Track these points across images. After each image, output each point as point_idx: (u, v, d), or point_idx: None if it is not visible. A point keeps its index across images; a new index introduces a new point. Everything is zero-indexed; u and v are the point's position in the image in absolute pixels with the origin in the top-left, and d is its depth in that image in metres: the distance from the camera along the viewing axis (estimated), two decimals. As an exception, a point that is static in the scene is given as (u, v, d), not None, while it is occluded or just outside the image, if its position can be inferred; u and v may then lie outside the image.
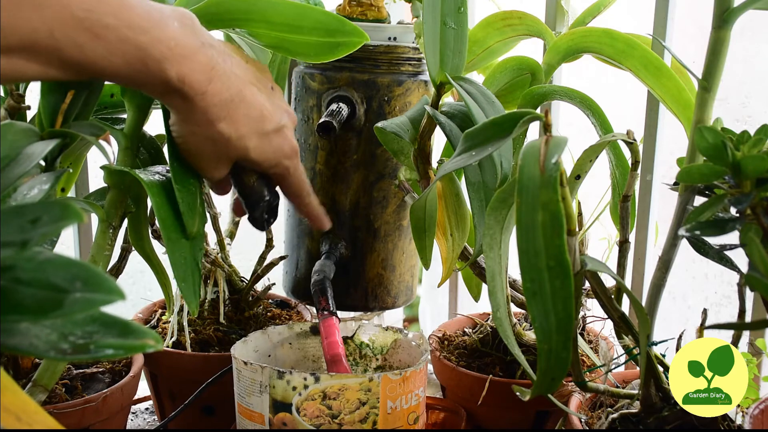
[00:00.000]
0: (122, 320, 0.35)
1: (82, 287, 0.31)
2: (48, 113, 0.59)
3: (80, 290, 0.31)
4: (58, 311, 0.31)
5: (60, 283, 0.31)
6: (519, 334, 0.81)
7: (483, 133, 0.57)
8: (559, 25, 0.87)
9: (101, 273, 0.32)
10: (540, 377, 0.49)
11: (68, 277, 0.31)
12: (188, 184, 0.61)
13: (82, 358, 0.34)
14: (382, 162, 0.83)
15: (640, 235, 0.81)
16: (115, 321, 0.34)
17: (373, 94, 0.81)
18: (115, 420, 0.75)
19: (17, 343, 0.32)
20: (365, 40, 0.68)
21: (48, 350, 0.33)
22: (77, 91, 0.61)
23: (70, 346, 0.33)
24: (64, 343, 0.33)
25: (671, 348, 0.62)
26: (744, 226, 0.48)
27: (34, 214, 0.33)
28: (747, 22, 0.61)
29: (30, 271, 0.31)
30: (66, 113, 0.60)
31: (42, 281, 0.31)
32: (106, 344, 0.33)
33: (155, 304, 0.95)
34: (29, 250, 0.32)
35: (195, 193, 0.61)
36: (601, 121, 0.76)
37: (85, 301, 0.31)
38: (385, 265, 0.86)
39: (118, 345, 0.34)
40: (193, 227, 0.59)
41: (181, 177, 0.60)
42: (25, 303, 0.31)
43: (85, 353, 0.33)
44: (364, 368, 0.80)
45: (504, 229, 0.56)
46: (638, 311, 0.56)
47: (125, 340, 0.34)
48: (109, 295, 0.31)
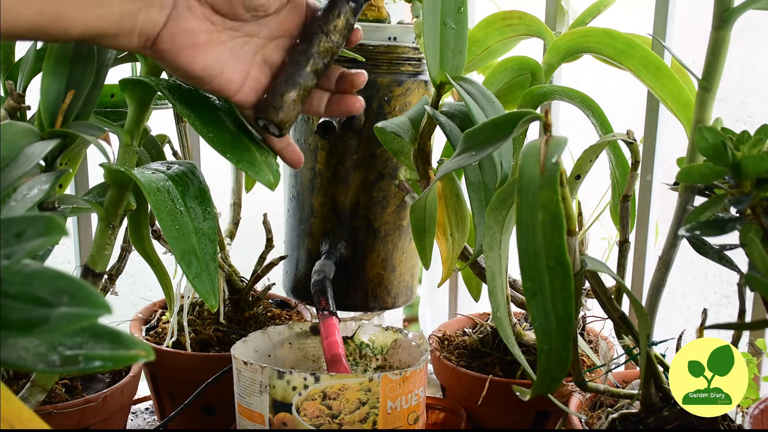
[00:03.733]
0: (112, 330, 0.34)
1: (68, 301, 0.30)
2: (48, 113, 0.59)
3: (67, 304, 0.30)
4: (43, 326, 0.30)
5: (46, 297, 0.30)
6: (519, 334, 0.81)
7: (483, 133, 0.57)
8: (559, 25, 0.87)
9: (88, 287, 0.31)
10: (540, 377, 0.49)
11: (55, 291, 0.31)
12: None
13: (71, 370, 0.33)
14: (382, 162, 0.83)
15: (640, 235, 0.81)
16: (105, 331, 0.34)
17: (373, 94, 0.81)
18: (115, 420, 0.75)
19: (5, 356, 0.31)
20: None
21: (36, 363, 0.32)
22: (77, 91, 0.61)
23: (60, 358, 0.32)
24: (53, 355, 0.32)
25: (671, 348, 0.62)
26: (744, 226, 0.48)
27: (18, 228, 0.32)
28: (747, 22, 0.61)
29: (16, 285, 0.30)
30: (66, 113, 0.60)
31: (28, 295, 0.30)
32: (95, 356, 0.33)
33: (155, 304, 0.95)
34: (16, 263, 0.31)
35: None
36: (601, 121, 0.76)
37: (72, 316, 0.30)
38: (385, 265, 0.86)
39: (108, 357, 0.33)
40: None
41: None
42: (11, 318, 0.30)
43: (74, 365, 0.32)
44: (364, 368, 0.80)
45: (504, 229, 0.56)
46: (638, 311, 0.56)
47: (115, 351, 0.33)
48: (96, 310, 0.31)
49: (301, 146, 0.85)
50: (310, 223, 0.86)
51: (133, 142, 0.65)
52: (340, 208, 0.84)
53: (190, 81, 0.57)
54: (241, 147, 0.60)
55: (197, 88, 0.62)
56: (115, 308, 0.32)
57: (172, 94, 0.59)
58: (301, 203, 0.87)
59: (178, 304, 0.87)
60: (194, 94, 0.61)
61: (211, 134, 0.58)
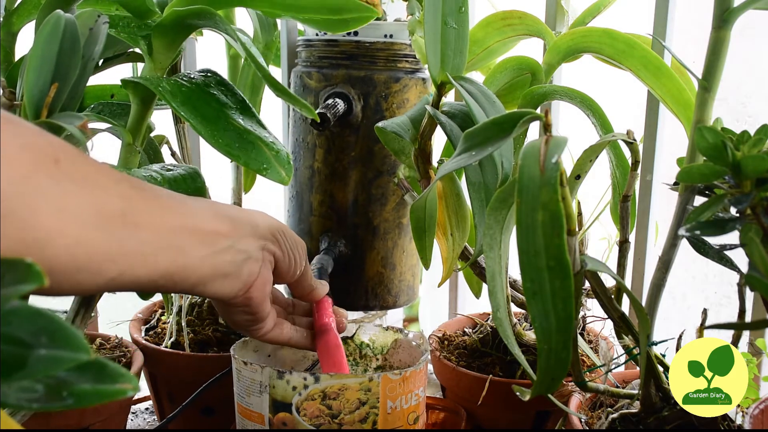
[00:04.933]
0: (98, 362, 0.32)
1: (47, 342, 0.29)
2: (32, 106, 0.59)
3: (45, 346, 0.29)
4: (21, 372, 0.28)
5: (24, 338, 0.29)
6: (519, 334, 0.81)
7: (483, 133, 0.57)
8: (559, 25, 0.87)
9: (68, 327, 0.30)
10: (540, 377, 0.49)
11: (33, 331, 0.29)
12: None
13: (54, 407, 0.32)
14: (380, 159, 0.83)
15: (640, 235, 0.81)
16: (91, 364, 0.32)
17: (370, 91, 0.81)
18: (115, 420, 0.75)
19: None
20: (375, 14, 0.67)
21: (19, 399, 0.30)
22: (63, 84, 0.60)
23: (44, 391, 0.30)
24: (37, 390, 0.30)
25: (671, 348, 0.62)
26: (744, 226, 0.48)
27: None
28: (747, 22, 0.61)
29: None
30: (51, 106, 0.59)
31: (6, 335, 0.29)
32: (79, 391, 0.31)
33: (155, 304, 0.95)
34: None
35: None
36: (601, 121, 0.76)
37: (50, 359, 0.29)
38: (386, 264, 0.86)
39: (92, 392, 0.31)
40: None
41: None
42: None
43: (58, 401, 0.31)
44: (364, 368, 0.80)
45: (504, 229, 0.56)
46: (638, 311, 0.56)
47: (101, 385, 0.31)
48: (75, 353, 0.29)
49: (300, 145, 0.85)
50: (310, 222, 0.86)
51: (136, 141, 0.65)
52: (339, 206, 0.84)
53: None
54: (247, 145, 0.60)
55: (199, 87, 0.62)
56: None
57: (173, 97, 0.59)
58: (300, 202, 0.87)
59: (176, 304, 0.87)
60: (196, 93, 0.61)
61: (216, 135, 0.58)
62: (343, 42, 0.81)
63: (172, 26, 0.63)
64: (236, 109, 0.63)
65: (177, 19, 0.63)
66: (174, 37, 0.65)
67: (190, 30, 0.66)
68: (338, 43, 0.81)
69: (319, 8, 0.65)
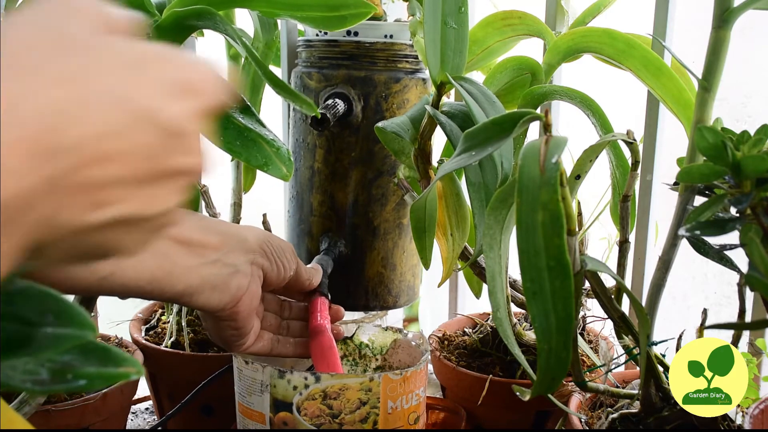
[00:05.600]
0: (102, 346, 0.33)
1: (53, 321, 0.30)
2: None
3: (51, 324, 0.29)
4: (27, 349, 0.29)
5: (31, 317, 0.29)
6: (519, 334, 0.81)
7: (483, 133, 0.57)
8: (559, 25, 0.87)
9: (74, 307, 0.30)
10: (540, 377, 0.49)
11: (40, 310, 0.30)
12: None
13: (59, 389, 0.32)
14: (380, 159, 0.83)
15: (640, 235, 0.81)
16: (95, 347, 0.33)
17: (371, 91, 0.81)
18: (115, 420, 0.75)
19: (-10, 375, 0.30)
20: (372, 10, 0.67)
21: (24, 381, 0.31)
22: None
23: (48, 376, 0.31)
24: (40, 373, 0.31)
25: (671, 348, 0.62)
26: (744, 226, 0.48)
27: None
28: (747, 22, 0.61)
29: (2, 303, 0.29)
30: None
31: (12, 313, 0.29)
32: (84, 374, 0.32)
33: (155, 304, 0.95)
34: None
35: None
36: (601, 121, 0.76)
37: (56, 337, 0.29)
38: (386, 264, 0.86)
39: (96, 374, 0.32)
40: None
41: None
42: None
43: (63, 384, 0.31)
44: (363, 368, 0.80)
45: (504, 229, 0.56)
46: (638, 311, 0.56)
47: (104, 369, 0.32)
48: (80, 331, 0.30)
49: (300, 145, 0.85)
50: (310, 222, 0.86)
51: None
52: (339, 207, 0.84)
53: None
54: (248, 143, 0.60)
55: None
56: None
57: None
58: (300, 202, 0.87)
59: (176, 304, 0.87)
60: None
61: (217, 132, 0.58)
62: (343, 42, 0.81)
63: (171, 27, 0.63)
64: (237, 108, 0.63)
65: (177, 20, 0.63)
66: (174, 38, 0.65)
67: (190, 31, 0.65)
68: (338, 43, 0.81)
69: (316, 5, 0.65)
